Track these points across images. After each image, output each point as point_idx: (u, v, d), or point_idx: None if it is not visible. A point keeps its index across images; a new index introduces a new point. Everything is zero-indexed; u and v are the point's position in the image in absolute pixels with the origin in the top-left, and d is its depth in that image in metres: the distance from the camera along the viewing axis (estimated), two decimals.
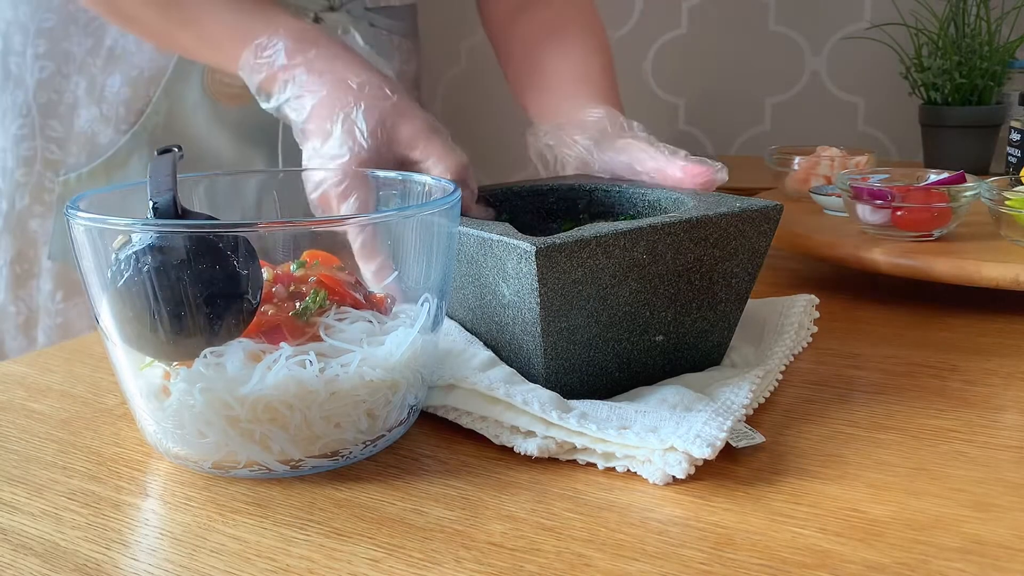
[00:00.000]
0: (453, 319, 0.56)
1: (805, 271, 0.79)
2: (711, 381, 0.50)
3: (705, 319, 0.52)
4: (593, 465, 0.44)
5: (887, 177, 0.78)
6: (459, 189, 0.47)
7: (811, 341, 0.60)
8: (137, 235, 0.40)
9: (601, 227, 0.47)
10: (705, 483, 0.42)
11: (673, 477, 0.42)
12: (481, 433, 0.46)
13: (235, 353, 0.41)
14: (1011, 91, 1.14)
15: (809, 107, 1.49)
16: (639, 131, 0.65)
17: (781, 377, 0.53)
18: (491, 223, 0.50)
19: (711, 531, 0.38)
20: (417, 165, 0.58)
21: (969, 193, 0.71)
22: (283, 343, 0.42)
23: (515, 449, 0.45)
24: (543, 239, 0.45)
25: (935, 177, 0.76)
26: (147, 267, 0.39)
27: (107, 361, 0.45)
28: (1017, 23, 1.17)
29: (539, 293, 0.45)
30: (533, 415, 0.45)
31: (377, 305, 0.47)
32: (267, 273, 0.44)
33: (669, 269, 0.49)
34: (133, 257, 0.40)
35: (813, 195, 0.86)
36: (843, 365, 0.57)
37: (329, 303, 0.45)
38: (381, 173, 0.55)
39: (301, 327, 0.43)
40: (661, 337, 0.51)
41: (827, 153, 0.96)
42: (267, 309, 0.44)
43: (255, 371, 0.41)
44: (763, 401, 0.50)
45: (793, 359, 0.57)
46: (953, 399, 0.51)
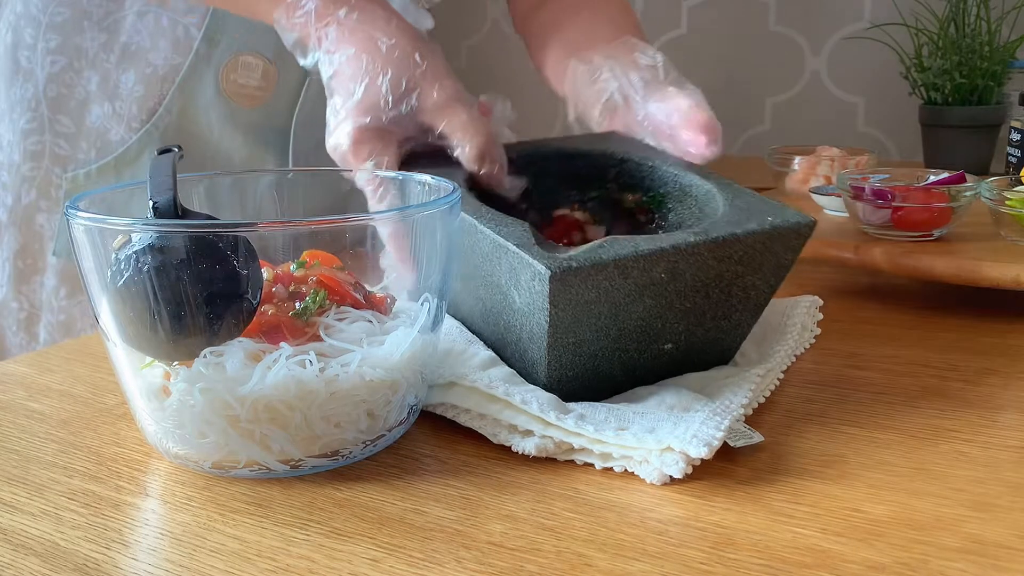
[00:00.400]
0: (461, 309, 0.55)
1: (805, 271, 0.79)
2: (711, 381, 0.50)
3: (719, 328, 0.51)
4: (592, 465, 0.44)
5: (887, 177, 0.78)
6: (458, 189, 0.47)
7: (813, 342, 0.60)
8: (137, 235, 0.40)
9: (621, 246, 0.45)
10: (705, 483, 0.42)
11: (671, 477, 0.42)
12: (479, 431, 0.46)
13: (235, 353, 0.41)
14: (1011, 91, 1.14)
15: (809, 107, 1.49)
16: (686, 83, 0.63)
17: (782, 376, 0.53)
18: (509, 225, 0.48)
19: (711, 531, 0.38)
20: (441, 137, 0.57)
21: (969, 193, 0.71)
22: (283, 343, 0.42)
23: (513, 448, 0.45)
24: (559, 258, 0.43)
25: (935, 177, 0.76)
26: (147, 267, 0.39)
27: (107, 361, 0.45)
28: (1017, 23, 1.17)
29: (549, 313, 0.44)
30: (531, 414, 0.45)
31: (377, 305, 0.47)
32: (267, 273, 0.44)
33: (688, 286, 0.47)
34: (133, 257, 0.40)
35: (813, 195, 0.86)
36: (843, 365, 0.57)
37: (329, 303, 0.45)
38: (381, 173, 0.55)
39: (301, 327, 0.43)
40: (670, 346, 0.49)
41: (827, 153, 0.96)
42: (267, 309, 0.44)
43: (255, 371, 0.41)
44: (763, 401, 0.50)
45: (794, 359, 0.57)
46: (953, 399, 0.51)
